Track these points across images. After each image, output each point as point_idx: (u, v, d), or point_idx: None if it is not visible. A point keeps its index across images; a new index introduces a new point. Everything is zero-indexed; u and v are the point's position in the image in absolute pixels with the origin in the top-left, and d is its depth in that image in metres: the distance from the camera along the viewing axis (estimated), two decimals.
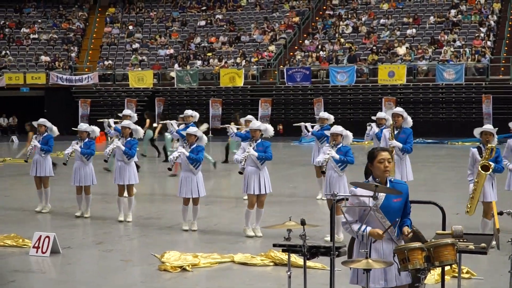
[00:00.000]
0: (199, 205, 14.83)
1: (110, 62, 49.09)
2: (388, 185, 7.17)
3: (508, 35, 43.38)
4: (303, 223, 7.68)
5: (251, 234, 14.00)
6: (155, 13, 53.92)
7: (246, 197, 15.50)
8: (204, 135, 14.85)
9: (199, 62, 46.75)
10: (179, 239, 14.06)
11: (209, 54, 47.39)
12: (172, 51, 48.89)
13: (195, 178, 14.46)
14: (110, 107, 45.06)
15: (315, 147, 19.43)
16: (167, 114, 40.73)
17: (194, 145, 14.45)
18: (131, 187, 16.18)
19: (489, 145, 12.46)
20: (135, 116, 20.10)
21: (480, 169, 12.36)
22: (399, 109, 15.10)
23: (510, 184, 13.68)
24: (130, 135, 15.96)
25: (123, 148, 15.65)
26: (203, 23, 51.61)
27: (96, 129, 16.75)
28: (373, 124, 18.72)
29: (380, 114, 18.54)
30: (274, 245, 8.63)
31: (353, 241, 8.07)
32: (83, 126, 16.85)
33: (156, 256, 12.00)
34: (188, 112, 20.34)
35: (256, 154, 13.70)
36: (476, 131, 12.83)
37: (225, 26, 50.59)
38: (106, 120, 20.67)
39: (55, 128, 17.23)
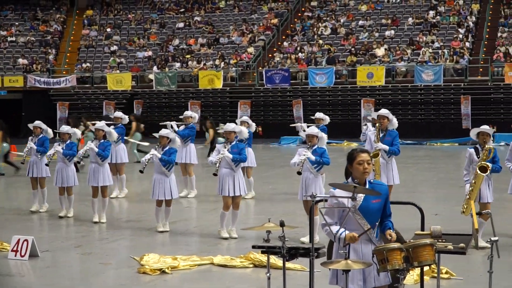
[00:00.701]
0: (172, 206, 15.00)
1: (88, 64, 48.88)
2: (367, 186, 7.17)
3: (487, 36, 43.60)
4: (282, 224, 7.68)
5: (226, 236, 14.04)
6: (133, 15, 53.79)
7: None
8: (177, 137, 14.96)
9: (177, 64, 46.66)
10: (158, 242, 14.02)
11: (188, 56, 47.30)
12: (150, 53, 48.76)
13: (167, 180, 14.60)
14: (88, 110, 44.78)
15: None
16: (145, 116, 40.65)
17: (167, 147, 14.59)
18: (105, 188, 16.26)
19: (487, 146, 12.43)
20: (126, 118, 20.51)
21: (478, 170, 12.32)
22: (384, 111, 14.71)
23: None
24: (104, 137, 16.22)
25: (97, 149, 15.89)
26: (181, 25, 51.53)
27: (78, 132, 16.94)
28: (369, 124, 18.70)
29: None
30: (253, 247, 8.65)
31: (332, 242, 8.06)
32: (65, 128, 17.10)
33: (135, 259, 11.98)
34: (188, 113, 20.60)
35: (230, 156, 13.75)
36: (473, 132, 12.82)
37: (203, 28, 50.53)
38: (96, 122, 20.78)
39: (50, 130, 17.44)
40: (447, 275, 10.72)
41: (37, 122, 17.64)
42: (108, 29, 52.44)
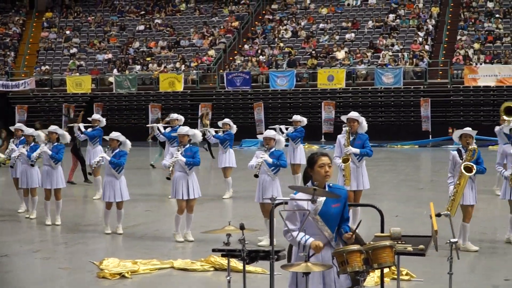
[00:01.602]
0: (123, 209, 15.11)
1: (47, 67, 48.49)
2: (328, 190, 7.15)
3: (446, 39, 43.96)
4: (242, 227, 7.65)
5: (181, 240, 14.05)
6: (93, 17, 53.45)
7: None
8: (127, 140, 14.97)
9: (138, 67, 46.46)
10: (118, 246, 13.94)
11: (148, 58, 47.12)
12: (110, 56, 48.50)
13: (118, 182, 14.71)
14: (47, 113, 44.54)
15: (290, 147, 20.69)
16: (105, 119, 40.33)
17: (117, 150, 14.74)
18: (59, 191, 16.29)
19: (470, 147, 12.44)
20: (103, 121, 20.90)
21: (462, 170, 12.29)
22: (354, 114, 14.28)
23: (505, 192, 13.15)
24: (57, 140, 16.26)
25: (50, 152, 15.91)
26: (142, 27, 51.32)
27: (42, 134, 16.84)
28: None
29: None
30: (214, 250, 8.60)
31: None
32: (29, 130, 17.14)
33: (95, 263, 11.89)
34: (174, 115, 20.84)
35: (184, 159, 13.76)
36: (456, 134, 12.84)
37: (164, 30, 50.37)
38: (76, 124, 21.20)
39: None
40: (408, 277, 10.76)
41: (18, 125, 17.57)
42: (68, 32, 52.07)
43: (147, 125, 25.60)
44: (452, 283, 8.11)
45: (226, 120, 21.03)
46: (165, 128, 20.89)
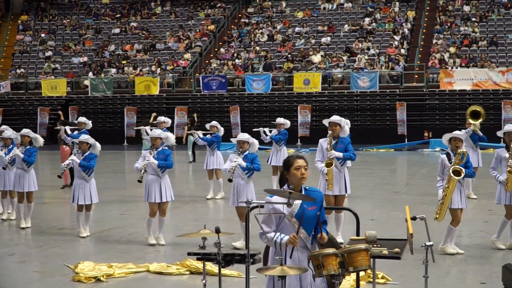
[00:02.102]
0: (92, 211, 15.21)
1: (22, 70, 48.24)
2: (304, 193, 7.14)
3: (422, 43, 44.19)
4: (217, 231, 7.62)
5: (153, 242, 14.00)
6: (68, 20, 53.26)
7: None
8: (97, 143, 15.04)
9: (113, 70, 46.33)
10: (93, 249, 13.86)
11: (124, 62, 47.00)
12: (86, 59, 48.34)
13: (88, 185, 14.73)
14: (22, 116, 44.28)
15: (273, 149, 21.46)
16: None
17: (87, 153, 14.75)
18: (31, 194, 16.26)
19: (459, 150, 12.35)
20: (89, 123, 21.17)
21: (451, 173, 12.23)
22: (336, 118, 13.87)
23: (500, 197, 13.08)
24: (30, 143, 16.18)
25: (22, 155, 15.86)
26: (117, 30, 51.19)
27: (19, 137, 16.67)
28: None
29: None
30: (189, 254, 8.57)
31: (268, 248, 8.01)
32: (7, 133, 16.92)
33: (70, 267, 11.81)
34: (161, 118, 21.49)
35: (156, 162, 13.74)
36: (445, 138, 12.70)
37: (139, 33, 50.26)
38: (62, 127, 21.40)
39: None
40: (383, 280, 10.77)
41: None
42: (43, 35, 51.85)
43: (135, 128, 25.89)
44: (427, 286, 8.11)
45: (214, 122, 21.22)
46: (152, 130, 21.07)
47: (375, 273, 8.80)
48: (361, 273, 9.21)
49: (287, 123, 21.65)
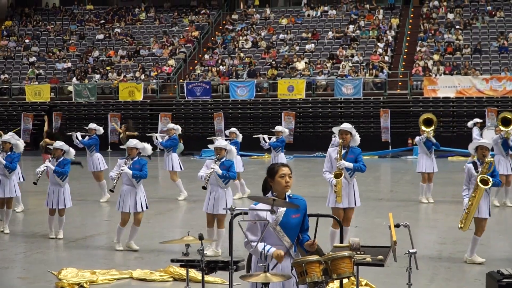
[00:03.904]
0: (64, 216, 15.37)
1: (6, 76, 48.05)
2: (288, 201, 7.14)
3: (406, 50, 44.32)
4: (201, 238, 7.62)
5: (121, 248, 14.04)
6: (52, 26, 53.10)
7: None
8: (71, 149, 15.25)
9: (97, 76, 46.22)
10: (76, 256, 13.78)
11: (108, 68, 46.89)
12: (70, 64, 48.20)
13: (62, 190, 15.00)
14: (6, 122, 44.03)
15: (272, 156, 22.49)
16: (64, 129, 40.10)
17: (61, 158, 14.96)
18: (10, 200, 16.30)
19: (487, 159, 12.18)
20: (100, 129, 21.89)
21: (479, 182, 12.03)
22: (347, 126, 13.10)
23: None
24: (11, 149, 16.14)
25: (4, 162, 15.85)
26: (101, 36, 51.08)
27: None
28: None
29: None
30: (172, 261, 8.55)
31: (251, 255, 7.99)
32: (6, 136, 16.85)
33: (53, 273, 11.76)
34: (171, 125, 22.68)
35: (130, 172, 13.71)
36: (471, 146, 12.56)
37: (124, 39, 50.18)
38: (74, 133, 21.68)
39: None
40: (367, 287, 10.77)
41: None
42: (27, 40, 51.68)
43: (147, 134, 26.53)
44: None
45: (233, 129, 22.26)
46: (162, 137, 22.39)
47: (359, 280, 8.81)
48: (345, 280, 9.19)
49: (286, 131, 22.87)
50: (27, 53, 50.19)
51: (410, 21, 47.13)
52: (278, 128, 22.90)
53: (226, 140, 20.97)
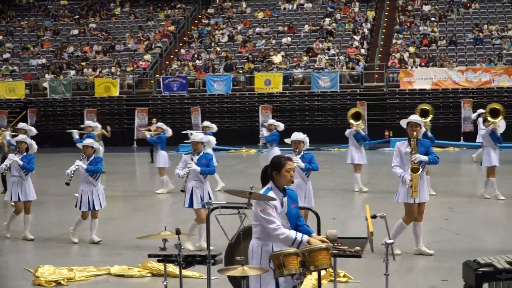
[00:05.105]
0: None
1: None
2: (286, 192, 7.36)
3: (382, 42, 44.42)
4: (178, 232, 7.59)
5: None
6: (26, 22, 52.77)
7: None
8: (34, 142, 15.19)
9: (72, 72, 45.97)
10: (54, 253, 13.70)
11: (83, 63, 46.66)
12: (44, 60, 47.91)
13: (95, 190, 14.36)
14: None
15: (268, 149, 22.66)
16: (40, 126, 39.90)
17: (92, 157, 14.38)
18: (29, 204, 15.42)
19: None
20: (98, 126, 22.51)
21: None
22: (416, 118, 12.56)
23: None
24: (26, 150, 15.35)
25: (21, 162, 15.01)
26: (76, 32, 50.81)
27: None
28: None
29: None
30: (149, 256, 8.51)
31: (230, 248, 8.00)
32: (22, 136, 16.38)
33: (30, 271, 11.67)
34: (206, 123, 23.09)
35: (198, 169, 13.25)
36: (403, 122, 12.46)
37: (99, 35, 49.94)
38: (74, 131, 22.03)
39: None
40: (345, 279, 10.78)
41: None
42: (0, 37, 51.31)
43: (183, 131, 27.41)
44: (388, 284, 8.13)
45: (206, 122, 22.95)
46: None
47: (337, 272, 8.81)
48: (323, 272, 9.21)
49: (280, 125, 22.35)
50: (0, 49, 49.85)
51: (386, 13, 47.24)
52: (271, 121, 22.76)
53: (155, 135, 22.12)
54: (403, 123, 12.56)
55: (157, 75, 44.11)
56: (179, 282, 8.00)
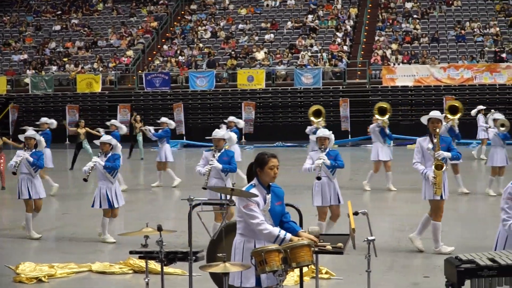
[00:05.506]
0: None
1: None
2: (270, 189, 7.38)
3: (364, 39, 44.49)
4: (159, 229, 7.58)
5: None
6: (8, 17, 52.49)
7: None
8: (42, 138, 15.03)
9: (54, 68, 45.77)
10: (34, 250, 13.66)
11: (65, 59, 46.46)
12: (26, 56, 47.67)
13: (112, 187, 14.17)
14: None
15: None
16: (21, 121, 39.73)
17: (110, 154, 14.26)
18: (40, 202, 15.17)
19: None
20: (123, 127, 23.23)
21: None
22: (437, 113, 12.33)
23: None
24: (35, 146, 15.20)
25: (31, 159, 14.80)
26: (58, 27, 50.59)
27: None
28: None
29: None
30: (131, 252, 8.49)
31: (212, 245, 7.98)
32: (31, 132, 16.22)
33: (11, 268, 11.61)
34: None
35: (220, 166, 13.21)
36: (424, 118, 12.42)
37: (81, 30, 49.75)
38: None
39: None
40: (327, 275, 10.80)
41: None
42: None
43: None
44: (371, 281, 8.14)
45: (162, 118, 23.15)
46: (156, 130, 22.95)
47: (319, 269, 8.81)
48: (305, 269, 9.21)
49: (240, 122, 23.15)
50: None
51: (369, 10, 47.28)
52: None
53: (157, 129, 22.70)
54: (424, 119, 12.43)
55: (140, 71, 43.98)
56: (161, 279, 7.98)
